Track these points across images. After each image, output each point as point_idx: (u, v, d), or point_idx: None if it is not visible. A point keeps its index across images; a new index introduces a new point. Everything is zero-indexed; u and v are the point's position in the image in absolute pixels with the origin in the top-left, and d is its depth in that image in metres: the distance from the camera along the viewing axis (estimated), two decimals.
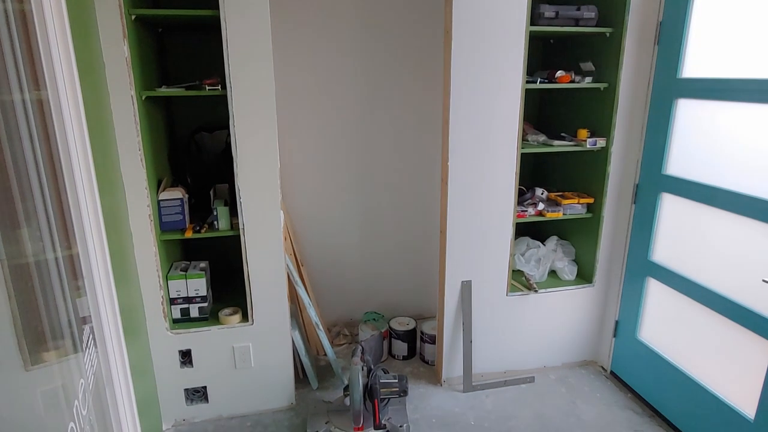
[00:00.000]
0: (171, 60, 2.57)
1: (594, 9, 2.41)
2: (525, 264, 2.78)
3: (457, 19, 2.22)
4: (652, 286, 2.49)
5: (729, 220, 2.03)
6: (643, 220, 2.48)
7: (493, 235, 2.53)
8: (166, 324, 2.26)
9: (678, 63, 2.22)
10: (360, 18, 2.81)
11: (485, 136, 2.39)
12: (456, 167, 2.40)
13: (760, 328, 1.91)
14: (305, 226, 3.07)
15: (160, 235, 2.21)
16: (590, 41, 2.59)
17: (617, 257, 2.68)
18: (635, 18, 2.37)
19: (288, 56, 2.77)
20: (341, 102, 2.92)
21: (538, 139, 2.66)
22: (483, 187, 2.45)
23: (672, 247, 2.36)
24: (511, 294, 2.65)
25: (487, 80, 2.32)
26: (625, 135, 2.52)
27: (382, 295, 3.30)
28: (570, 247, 2.88)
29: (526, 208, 2.63)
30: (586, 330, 2.85)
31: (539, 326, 2.76)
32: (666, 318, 2.43)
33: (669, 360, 2.38)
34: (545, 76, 2.54)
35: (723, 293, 2.07)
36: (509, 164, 2.45)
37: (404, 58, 2.92)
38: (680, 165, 2.28)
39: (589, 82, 2.52)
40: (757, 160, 1.91)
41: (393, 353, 3.00)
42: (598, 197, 2.64)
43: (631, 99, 2.47)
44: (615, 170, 2.57)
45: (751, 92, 1.90)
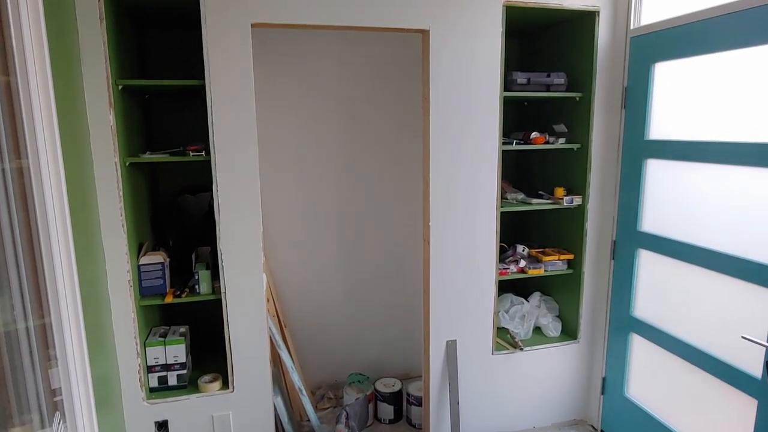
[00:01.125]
0: (156, 125, 2.63)
1: (563, 75, 2.55)
2: (509, 321, 2.77)
3: (434, 86, 2.32)
4: (636, 342, 2.49)
5: (705, 276, 2.07)
6: (623, 276, 2.52)
7: (476, 293, 2.54)
8: (143, 393, 2.18)
9: (644, 125, 2.33)
10: (342, 75, 2.92)
11: (465, 196, 2.44)
12: (437, 227, 2.43)
13: (743, 384, 1.91)
14: (288, 286, 3.04)
15: (140, 300, 2.17)
16: (562, 104, 2.73)
17: (600, 313, 2.69)
18: (602, 83, 2.50)
19: (271, 115, 2.85)
20: (325, 160, 2.98)
21: (517, 198, 2.73)
22: (465, 245, 2.48)
23: (653, 302, 2.38)
24: (496, 353, 2.62)
25: (465, 142, 2.40)
26: (600, 193, 2.60)
27: (367, 356, 3.24)
28: (553, 303, 2.89)
29: (508, 266, 2.65)
30: (574, 387, 2.81)
31: (527, 385, 2.72)
32: (652, 374, 2.41)
33: (657, 417, 2.34)
34: (521, 137, 2.64)
35: (704, 349, 2.07)
36: (489, 223, 2.50)
37: (386, 113, 3.02)
38: (654, 222, 2.34)
39: (563, 143, 2.62)
40: (723, 218, 1.98)
41: (379, 417, 2.90)
42: (577, 253, 2.68)
43: (603, 159, 2.57)
44: (592, 227, 2.63)
45: (712, 154, 2.00)
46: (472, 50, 2.34)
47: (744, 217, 1.90)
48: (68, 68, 1.75)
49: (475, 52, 2.35)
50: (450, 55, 2.32)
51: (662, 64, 2.25)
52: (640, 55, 2.35)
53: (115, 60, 2.00)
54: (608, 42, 2.48)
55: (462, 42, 2.32)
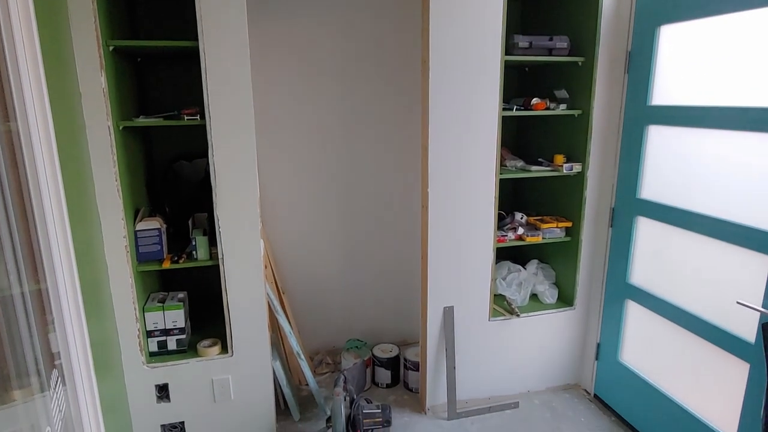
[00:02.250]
0: (150, 89, 2.57)
1: (566, 39, 2.49)
2: (506, 288, 2.79)
3: (434, 49, 2.27)
4: (631, 308, 2.51)
5: (702, 243, 2.07)
6: (620, 243, 2.52)
7: (474, 260, 2.54)
8: (143, 358, 2.20)
9: (647, 91, 2.29)
10: (341, 44, 2.85)
11: (464, 163, 2.42)
12: (436, 194, 2.42)
13: (736, 348, 1.93)
14: (286, 253, 3.05)
15: (137, 266, 2.16)
16: (564, 70, 2.67)
17: (597, 280, 2.70)
18: (605, 48, 2.45)
19: (269, 79, 2.79)
20: (322, 128, 2.94)
21: (516, 165, 2.70)
22: (463, 212, 2.47)
23: (649, 269, 2.39)
24: (493, 319, 2.65)
25: (464, 108, 2.36)
26: (600, 160, 2.58)
27: (364, 322, 3.27)
28: (550, 270, 2.91)
29: (506, 233, 2.65)
30: (569, 353, 2.85)
31: (522, 350, 2.76)
32: (646, 340, 2.44)
33: (650, 382, 2.39)
34: (521, 104, 2.60)
35: (699, 314, 2.09)
36: (488, 190, 2.48)
37: (385, 83, 2.96)
38: (653, 189, 2.33)
39: (564, 109, 2.58)
40: (723, 185, 1.97)
41: (376, 381, 2.95)
42: (576, 221, 2.67)
43: (604, 125, 2.54)
44: (591, 194, 2.61)
45: (715, 119, 1.96)
46: (473, 12, 2.28)
47: (744, 183, 1.89)
48: (56, 26, 1.69)
49: (477, 15, 2.28)
50: (450, 16, 2.25)
51: (668, 26, 2.19)
52: (645, 18, 2.28)
53: (105, 19, 1.94)
54: (613, 4, 2.40)
55: (463, 4, 2.25)
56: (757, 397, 1.85)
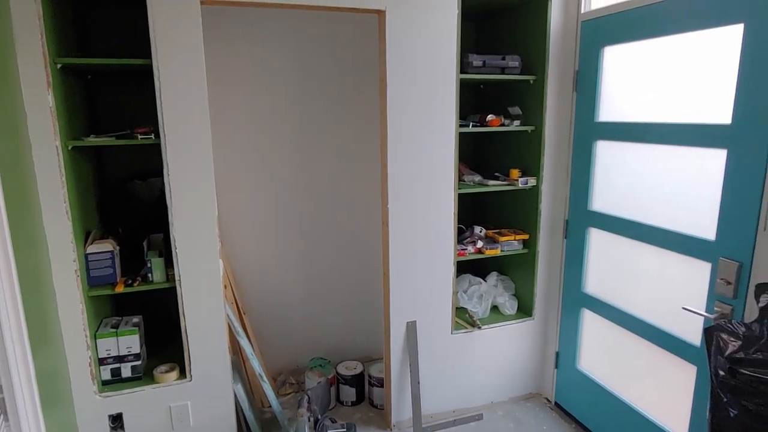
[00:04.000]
0: (102, 107, 2.49)
1: (518, 58, 2.59)
2: (468, 301, 2.83)
3: (391, 69, 2.31)
4: (587, 317, 2.60)
5: (649, 252, 2.17)
6: (575, 254, 2.61)
7: (435, 274, 2.57)
8: (94, 387, 2.10)
9: (594, 108, 2.40)
10: (299, 63, 2.86)
11: (423, 179, 2.46)
12: (396, 210, 2.44)
13: (684, 352, 2.03)
14: (247, 273, 2.99)
15: (88, 291, 2.08)
16: (517, 87, 2.77)
17: (554, 290, 2.78)
18: (555, 67, 2.56)
19: (228, 97, 2.76)
20: (282, 145, 2.93)
21: (474, 180, 2.77)
22: (423, 227, 2.51)
23: (602, 278, 2.49)
24: (455, 332, 2.68)
25: (422, 125, 2.41)
26: (554, 174, 2.68)
27: (328, 340, 3.24)
28: (510, 282, 2.97)
29: (466, 246, 2.70)
30: (530, 363, 2.91)
31: (485, 362, 2.80)
32: (602, 347, 2.53)
33: (607, 388, 2.47)
34: (477, 120, 2.67)
35: (649, 320, 2.19)
36: (448, 205, 2.53)
37: (345, 101, 2.99)
38: (603, 201, 2.43)
39: (518, 125, 2.67)
40: (665, 196, 2.08)
41: (341, 399, 2.92)
42: (532, 233, 2.75)
43: (556, 140, 2.64)
44: (546, 207, 2.70)
45: (655, 135, 2.08)
46: (429, 32, 2.34)
47: (682, 194, 2.00)
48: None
49: (432, 34, 2.35)
50: (406, 36, 2.31)
51: (611, 47, 2.32)
52: (590, 39, 2.41)
53: (52, 36, 1.88)
54: (560, 26, 2.52)
55: (418, 23, 2.31)
56: (704, 399, 1.94)
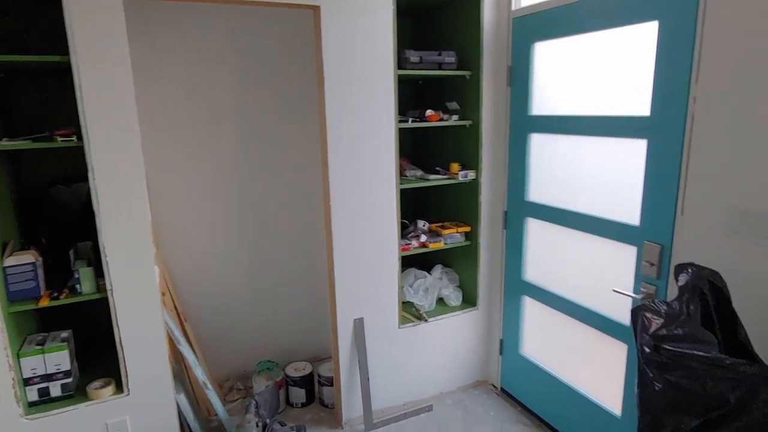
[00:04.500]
0: (18, 108, 2.31)
1: (453, 54, 2.64)
2: (414, 295, 2.87)
3: (328, 65, 2.29)
4: (527, 304, 2.70)
5: (581, 238, 2.28)
6: (514, 244, 2.70)
7: (380, 270, 2.58)
8: (20, 410, 1.96)
9: (527, 102, 2.49)
10: (235, 57, 2.78)
11: (365, 175, 2.46)
12: (338, 207, 2.43)
13: (615, 332, 2.15)
14: (188, 278, 2.88)
15: (8, 307, 1.92)
16: (454, 83, 2.82)
17: (496, 280, 2.87)
18: (489, 63, 2.62)
19: (159, 95, 2.64)
20: (218, 144, 2.83)
21: (415, 175, 2.79)
22: (367, 224, 2.51)
23: (540, 266, 2.59)
24: (402, 326, 2.70)
25: (362, 121, 2.40)
26: (492, 167, 2.75)
27: (276, 342, 3.18)
28: (454, 274, 3.04)
29: (410, 241, 2.73)
30: (476, 351, 2.99)
31: (432, 354, 2.84)
32: (542, 332, 2.63)
33: (548, 371, 2.57)
34: (416, 115, 2.70)
35: (583, 304, 2.30)
36: (390, 200, 2.54)
37: (283, 96, 2.93)
38: (539, 192, 2.53)
39: (456, 119, 2.72)
40: (593, 185, 2.19)
41: (291, 401, 2.88)
42: (473, 225, 2.82)
43: (493, 134, 2.71)
44: (486, 199, 2.78)
45: (583, 127, 2.19)
46: (365, 28, 2.33)
47: (611, 182, 2.11)
48: None
49: (368, 30, 2.34)
50: (343, 32, 2.29)
51: (541, 43, 2.40)
52: (521, 36, 2.49)
53: None
54: (493, 22, 2.59)
55: (354, 19, 2.30)
56: (634, 375, 2.06)
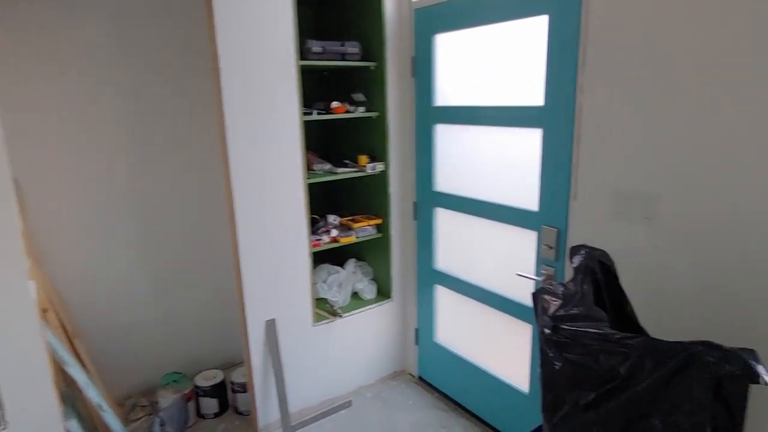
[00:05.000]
0: None
1: (357, 45, 2.59)
2: (328, 291, 2.81)
3: (223, 55, 2.14)
4: (439, 292, 2.75)
5: (486, 226, 2.36)
6: (425, 234, 2.73)
7: (291, 268, 2.49)
8: None
9: (431, 93, 2.52)
10: (122, 46, 2.52)
11: (269, 170, 2.35)
12: (242, 204, 2.30)
13: (521, 314, 2.25)
14: (78, 290, 2.60)
15: None
16: (359, 74, 2.78)
17: (409, 270, 2.89)
18: (393, 54, 2.61)
19: (31, 80, 2.33)
20: (109, 137, 2.57)
21: (323, 168, 2.73)
22: (274, 220, 2.40)
23: (449, 254, 2.64)
24: (317, 324, 2.64)
25: (263, 114, 2.29)
26: (400, 158, 2.76)
27: (182, 351, 2.98)
28: (368, 267, 3.02)
29: (321, 236, 2.66)
30: (393, 342, 3.00)
31: (349, 349, 2.81)
32: (453, 318, 2.70)
33: (460, 355, 2.65)
34: (322, 107, 2.63)
35: (491, 288, 2.38)
36: (297, 195, 2.46)
37: (178, 88, 2.72)
38: (445, 182, 2.57)
39: (362, 111, 2.69)
40: (496, 174, 2.26)
41: (202, 413, 2.71)
42: (384, 217, 2.82)
43: (399, 125, 2.71)
44: (395, 191, 2.78)
45: (483, 117, 2.25)
46: (263, 14, 2.21)
47: (512, 171, 2.20)
48: None
49: (267, 17, 2.23)
50: (238, 18, 2.16)
51: (442, 35, 2.43)
52: (423, 27, 2.50)
53: None
54: (395, 13, 2.58)
55: (250, 5, 2.17)
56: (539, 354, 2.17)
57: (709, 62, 1.46)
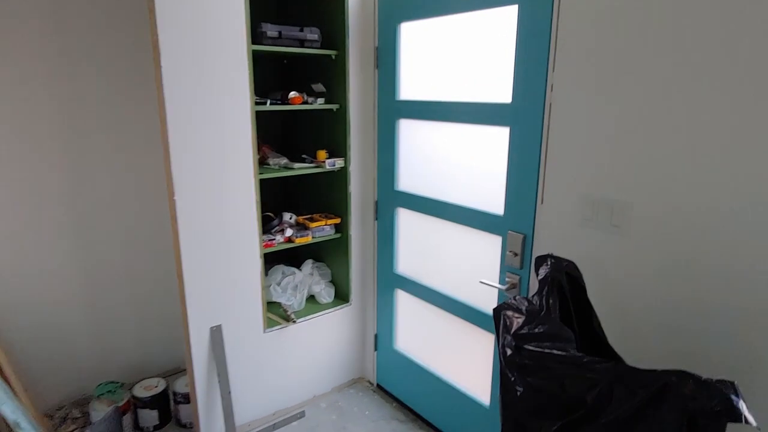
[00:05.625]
0: None
1: (317, 31, 2.41)
2: (282, 294, 2.63)
3: (165, 38, 1.92)
4: (400, 297, 2.61)
5: (450, 229, 2.22)
6: (386, 236, 2.58)
7: (239, 270, 2.30)
8: None
9: (395, 86, 2.36)
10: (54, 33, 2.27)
11: (217, 164, 2.15)
12: (186, 202, 2.09)
13: (483, 322, 2.13)
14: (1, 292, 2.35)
15: None
16: (320, 63, 2.60)
17: (368, 273, 2.74)
18: (355, 42, 2.44)
19: None
20: (41, 128, 2.31)
21: (279, 163, 2.54)
22: (221, 219, 2.20)
23: (411, 258, 2.50)
24: (268, 330, 2.46)
25: (210, 103, 2.08)
26: (361, 154, 2.59)
27: (122, 358, 2.75)
28: (326, 268, 2.85)
29: (275, 236, 2.48)
30: (350, 349, 2.85)
31: (303, 356, 2.64)
32: (415, 325, 2.56)
33: (421, 364, 2.51)
34: (278, 97, 2.44)
35: (453, 295, 2.25)
36: (248, 192, 2.26)
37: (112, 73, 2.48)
38: (408, 181, 2.42)
39: (322, 103, 2.51)
40: (461, 174, 2.13)
41: (141, 426, 2.50)
42: (344, 217, 2.65)
43: (361, 119, 2.55)
44: (356, 189, 2.62)
45: (450, 113, 2.11)
46: None
47: (477, 171, 2.06)
48: None
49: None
50: None
51: (407, 24, 2.27)
52: (387, 15, 2.34)
53: None
54: (358, 0, 2.41)
55: None
56: None
57: (693, 61, 1.35)
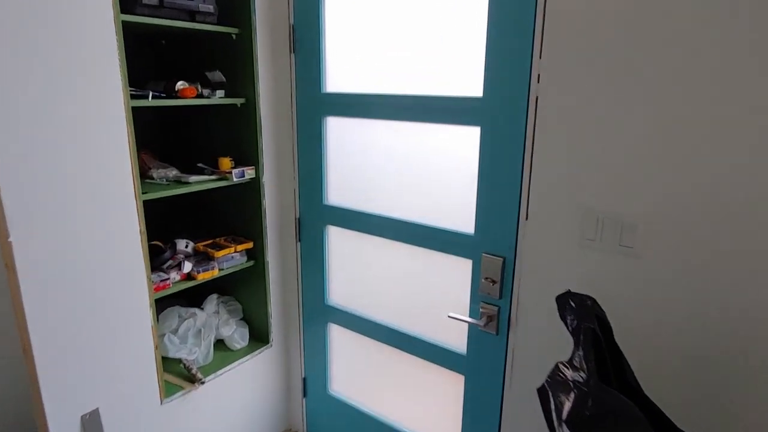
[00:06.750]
0: None
1: (212, 1, 1.84)
2: (181, 346, 2.02)
3: None
4: (334, 332, 2.15)
5: (402, 251, 1.82)
6: (313, 260, 2.10)
7: (121, 328, 1.67)
8: None
9: (320, 75, 1.89)
10: None
11: (78, 183, 1.50)
12: (28, 245, 1.42)
13: (448, 361, 1.77)
14: None
15: None
16: (217, 44, 2.02)
17: (292, 306, 2.24)
18: (264, 18, 1.92)
19: None
20: None
21: (168, 176, 1.93)
22: (89, 261, 1.56)
23: (348, 286, 2.06)
24: (167, 400, 1.85)
25: (62, 98, 1.43)
26: (276, 161, 2.08)
27: None
28: (236, 304, 2.28)
29: (168, 274, 1.87)
30: (274, 398, 2.33)
31: (217, 421, 2.07)
32: (354, 364, 2.13)
33: (364, 410, 2.10)
34: (162, 89, 1.83)
35: (407, 330, 1.87)
36: (127, 219, 1.64)
37: None
38: (342, 193, 1.97)
39: (222, 96, 1.95)
40: (416, 185, 1.74)
41: None
42: (258, 240, 2.12)
43: (275, 117, 2.04)
44: (271, 204, 2.10)
45: (399, 109, 1.69)
46: None
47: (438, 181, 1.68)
48: None
49: None
50: None
51: None
52: None
53: None
54: None
55: None
56: (475, 409, 1.72)
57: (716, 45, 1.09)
